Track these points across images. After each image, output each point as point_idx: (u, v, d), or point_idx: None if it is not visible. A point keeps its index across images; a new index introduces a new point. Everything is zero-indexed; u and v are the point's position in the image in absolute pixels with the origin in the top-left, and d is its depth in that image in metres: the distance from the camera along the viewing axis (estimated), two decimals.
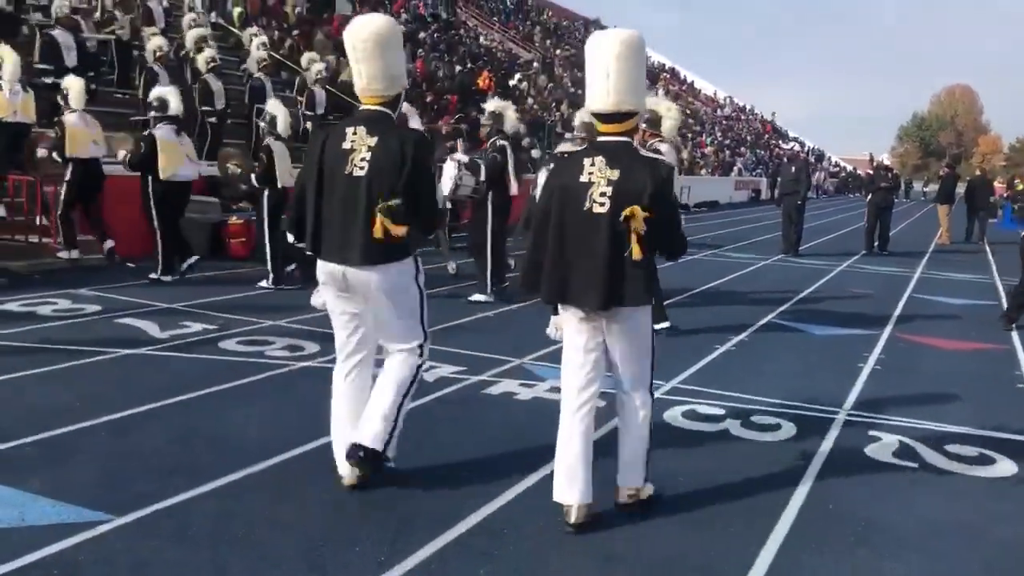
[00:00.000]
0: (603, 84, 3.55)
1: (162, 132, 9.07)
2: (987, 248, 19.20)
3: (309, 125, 16.02)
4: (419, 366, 3.96)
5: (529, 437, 4.78)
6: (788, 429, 5.24)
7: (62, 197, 9.42)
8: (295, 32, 20.64)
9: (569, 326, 3.72)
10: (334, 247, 3.76)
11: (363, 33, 3.74)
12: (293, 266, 9.30)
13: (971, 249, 18.94)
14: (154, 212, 9.08)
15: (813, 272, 13.18)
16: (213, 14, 19.68)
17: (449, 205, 9.61)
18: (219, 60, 13.97)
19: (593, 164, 3.57)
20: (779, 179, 16.86)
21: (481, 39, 35.26)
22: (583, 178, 3.56)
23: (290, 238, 4.09)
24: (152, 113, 9.38)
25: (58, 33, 12.17)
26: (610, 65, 3.53)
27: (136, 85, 13.33)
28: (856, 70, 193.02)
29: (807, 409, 5.66)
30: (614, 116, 3.60)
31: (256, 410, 5.10)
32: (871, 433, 5.23)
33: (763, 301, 9.85)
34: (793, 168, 15.84)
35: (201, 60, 13.88)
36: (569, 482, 3.64)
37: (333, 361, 4.17)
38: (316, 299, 4.87)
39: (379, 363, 4.12)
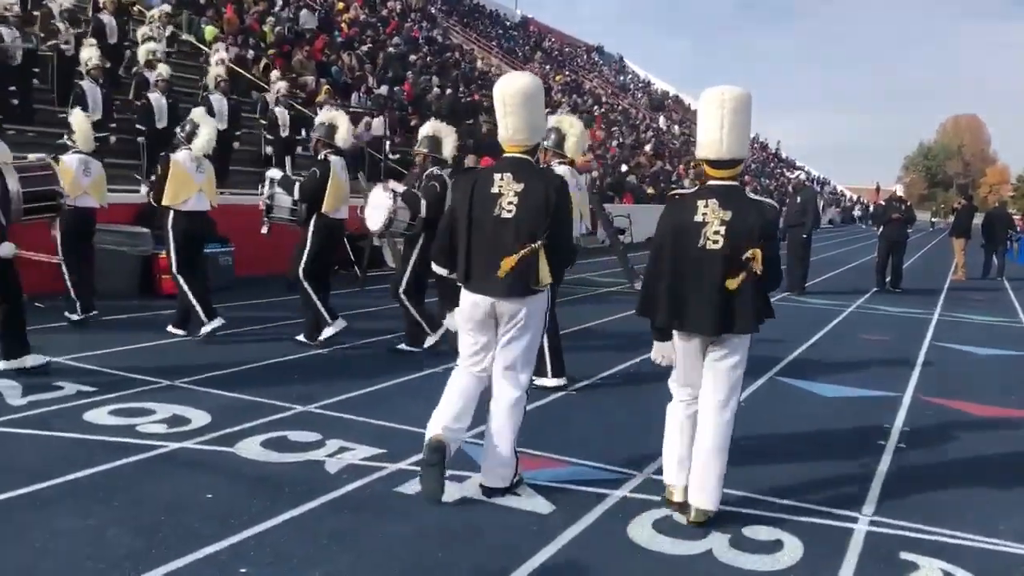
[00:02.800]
0: (717, 134, 3.99)
1: (68, 157, 7.97)
2: (1007, 285, 17.91)
3: (270, 149, 14.90)
4: (524, 404, 4.39)
5: (445, 569, 3.49)
6: (793, 548, 3.94)
7: None
8: (271, 52, 19.52)
9: (681, 351, 4.20)
10: (481, 280, 4.20)
11: (511, 89, 4.23)
12: (332, 331, 7.69)
13: (990, 286, 17.63)
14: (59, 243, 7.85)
15: (821, 314, 11.89)
16: (187, 35, 18.66)
17: (265, 231, 8.07)
18: (168, 76, 12.78)
19: (707, 205, 3.99)
20: (784, 210, 15.61)
21: (478, 63, 34.27)
22: (698, 217, 3.98)
23: (436, 268, 4.57)
24: (65, 136, 8.24)
25: None
26: (724, 118, 3.96)
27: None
28: (861, 99, 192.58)
29: (817, 514, 4.35)
30: (725, 163, 4.04)
31: (83, 525, 3.81)
32: (904, 556, 3.92)
33: (763, 350, 8.49)
34: (799, 198, 14.56)
35: (152, 77, 12.76)
36: (680, 468, 4.24)
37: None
38: (450, 321, 4.88)
39: None
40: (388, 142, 18.09)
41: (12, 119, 12.14)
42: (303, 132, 17.35)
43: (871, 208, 54.92)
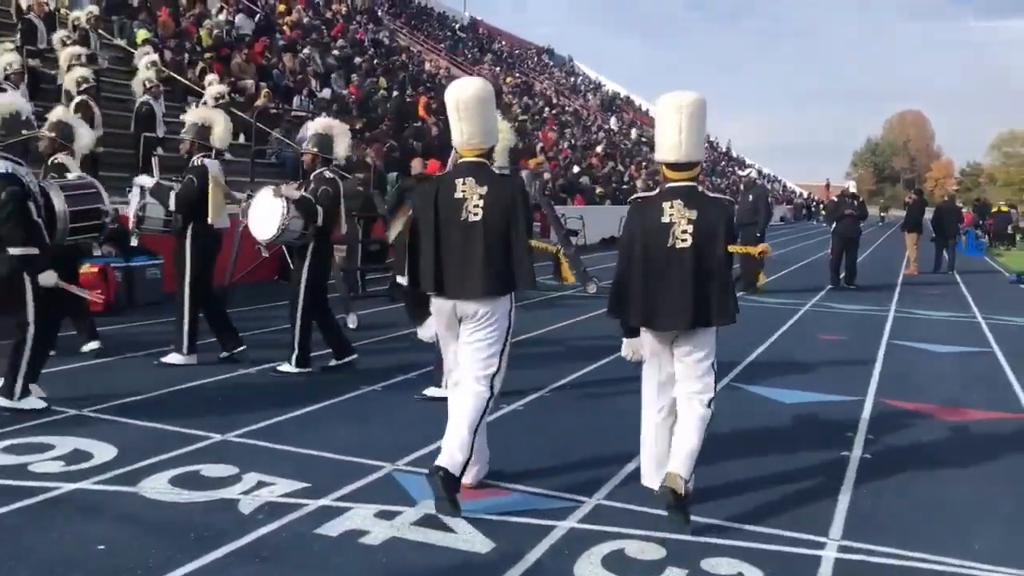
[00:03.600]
0: (676, 138, 4.13)
1: None
2: (958, 278, 17.88)
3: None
4: (488, 398, 4.29)
5: None
6: None
7: None
8: (207, 55, 18.84)
9: (652, 348, 4.36)
10: (453, 284, 4.22)
11: (464, 94, 4.27)
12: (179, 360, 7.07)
13: (942, 280, 17.58)
14: None
15: (776, 313, 11.63)
16: (121, 40, 17.92)
17: (266, 254, 7.59)
18: (93, 81, 12.11)
19: (672, 206, 4.14)
20: (735, 208, 15.38)
21: (426, 65, 33.75)
22: (665, 219, 4.13)
23: (401, 280, 4.49)
24: None
25: None
26: (682, 122, 4.11)
27: None
28: (809, 97, 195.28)
29: (780, 540, 3.98)
30: (684, 165, 4.19)
31: None
32: None
33: (720, 354, 8.07)
34: (751, 196, 14.32)
35: (69, 80, 12.01)
36: (659, 468, 4.26)
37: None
38: (425, 332, 4.85)
39: None
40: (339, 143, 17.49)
41: None
42: (242, 137, 16.87)
43: (822, 205, 55.48)
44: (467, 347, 4.28)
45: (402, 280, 4.48)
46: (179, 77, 16.92)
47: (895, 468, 5.11)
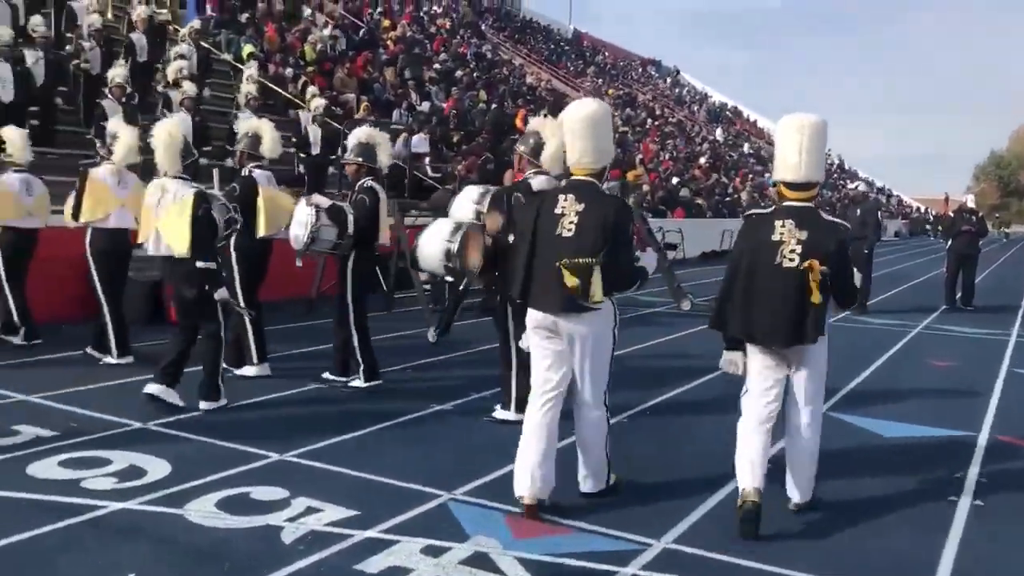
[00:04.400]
0: (796, 158, 4.21)
1: (7, 176, 7.71)
2: None
3: (302, 168, 14.42)
4: (607, 417, 4.51)
5: None
6: None
7: None
8: (309, 69, 19.13)
9: (754, 361, 4.38)
10: (541, 297, 4.30)
11: (579, 115, 4.38)
12: (362, 381, 6.82)
13: None
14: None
15: (884, 335, 10.88)
16: (226, 54, 18.38)
17: (299, 263, 7.29)
18: (194, 95, 12.37)
19: (783, 225, 4.19)
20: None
21: (527, 78, 33.69)
22: (775, 236, 4.19)
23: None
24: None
25: None
26: (803, 143, 4.19)
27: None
28: (929, 107, 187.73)
29: None
30: (802, 185, 4.24)
31: None
32: None
33: None
34: (859, 211, 13.54)
35: (175, 95, 12.38)
36: (753, 470, 4.21)
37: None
38: (524, 342, 4.79)
39: None
40: (428, 158, 17.48)
41: (34, 141, 11.85)
42: (340, 151, 17.04)
43: (936, 220, 52.86)
44: (576, 365, 4.35)
45: (509, 291, 4.62)
46: (280, 91, 17.20)
47: (1011, 518, 4.55)
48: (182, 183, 5.93)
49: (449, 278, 6.47)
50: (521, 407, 5.78)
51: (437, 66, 25.97)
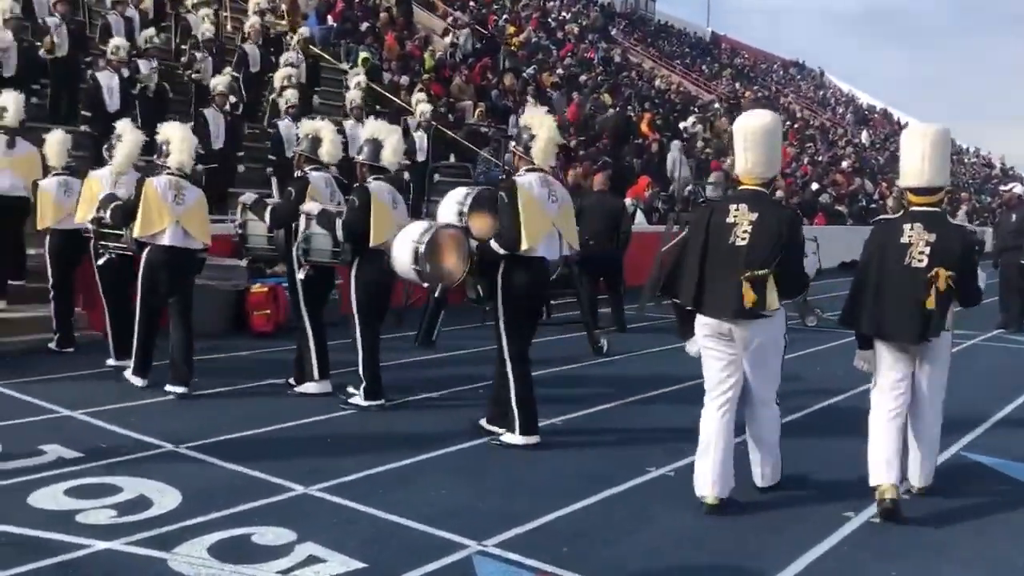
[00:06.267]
0: (919, 165, 4.44)
1: (46, 180, 7.60)
2: None
3: (407, 175, 14.07)
4: (779, 414, 4.71)
5: None
6: None
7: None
8: (426, 76, 18.90)
9: (884, 357, 4.55)
10: (715, 304, 4.39)
11: (755, 125, 4.50)
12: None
13: None
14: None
15: None
16: (347, 64, 18.39)
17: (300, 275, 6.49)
18: (297, 103, 12.22)
19: (912, 228, 4.42)
20: (996, 231, 13.06)
21: (657, 82, 32.66)
22: (904, 239, 4.41)
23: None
24: None
25: (103, 75, 10.85)
26: (925, 150, 4.42)
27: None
28: None
29: None
30: (926, 190, 4.47)
31: None
32: None
33: (959, 409, 6.13)
34: (1013, 216, 12.00)
35: (281, 103, 12.30)
36: (888, 467, 4.41)
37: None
38: (692, 347, 4.73)
39: None
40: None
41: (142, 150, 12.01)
42: (452, 157, 16.70)
43: None
44: (748, 369, 4.47)
45: (670, 296, 4.65)
46: (393, 98, 17.01)
47: None
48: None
49: (423, 283, 5.81)
50: (529, 429, 5.38)
51: (560, 71, 25.40)
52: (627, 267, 10.76)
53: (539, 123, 5.43)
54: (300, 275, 6.36)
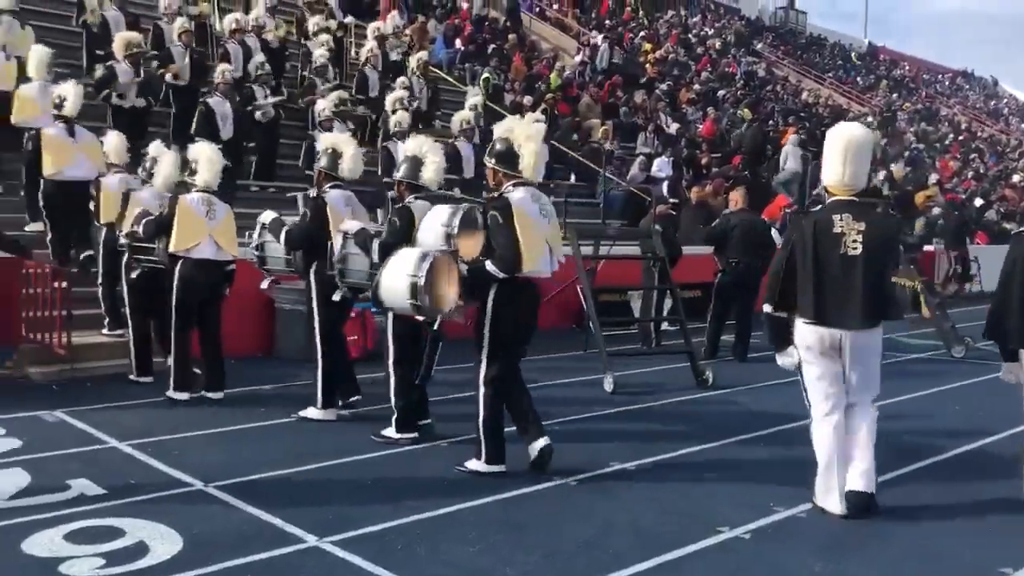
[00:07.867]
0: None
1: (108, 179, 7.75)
2: None
3: (457, 191, 13.47)
4: (876, 419, 4.65)
5: None
6: None
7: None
8: (549, 96, 18.44)
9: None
10: (837, 314, 4.41)
11: (856, 139, 4.52)
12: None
13: None
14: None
15: None
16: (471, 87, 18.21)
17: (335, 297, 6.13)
18: (407, 125, 11.98)
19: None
20: None
21: (803, 95, 31.04)
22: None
23: (767, 309, 4.64)
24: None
25: (215, 102, 10.94)
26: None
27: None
28: None
29: None
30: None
31: None
32: None
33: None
34: None
35: (392, 122, 12.11)
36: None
37: None
38: (784, 360, 4.67)
39: None
40: (666, 183, 15.98)
41: (255, 175, 12.16)
42: (572, 177, 16.16)
43: None
44: (854, 375, 4.48)
45: (768, 308, 4.60)
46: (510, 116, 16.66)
47: None
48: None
49: (420, 317, 5.23)
50: (495, 458, 5.00)
51: (697, 87, 24.47)
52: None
53: (522, 133, 4.97)
54: (336, 296, 6.04)
